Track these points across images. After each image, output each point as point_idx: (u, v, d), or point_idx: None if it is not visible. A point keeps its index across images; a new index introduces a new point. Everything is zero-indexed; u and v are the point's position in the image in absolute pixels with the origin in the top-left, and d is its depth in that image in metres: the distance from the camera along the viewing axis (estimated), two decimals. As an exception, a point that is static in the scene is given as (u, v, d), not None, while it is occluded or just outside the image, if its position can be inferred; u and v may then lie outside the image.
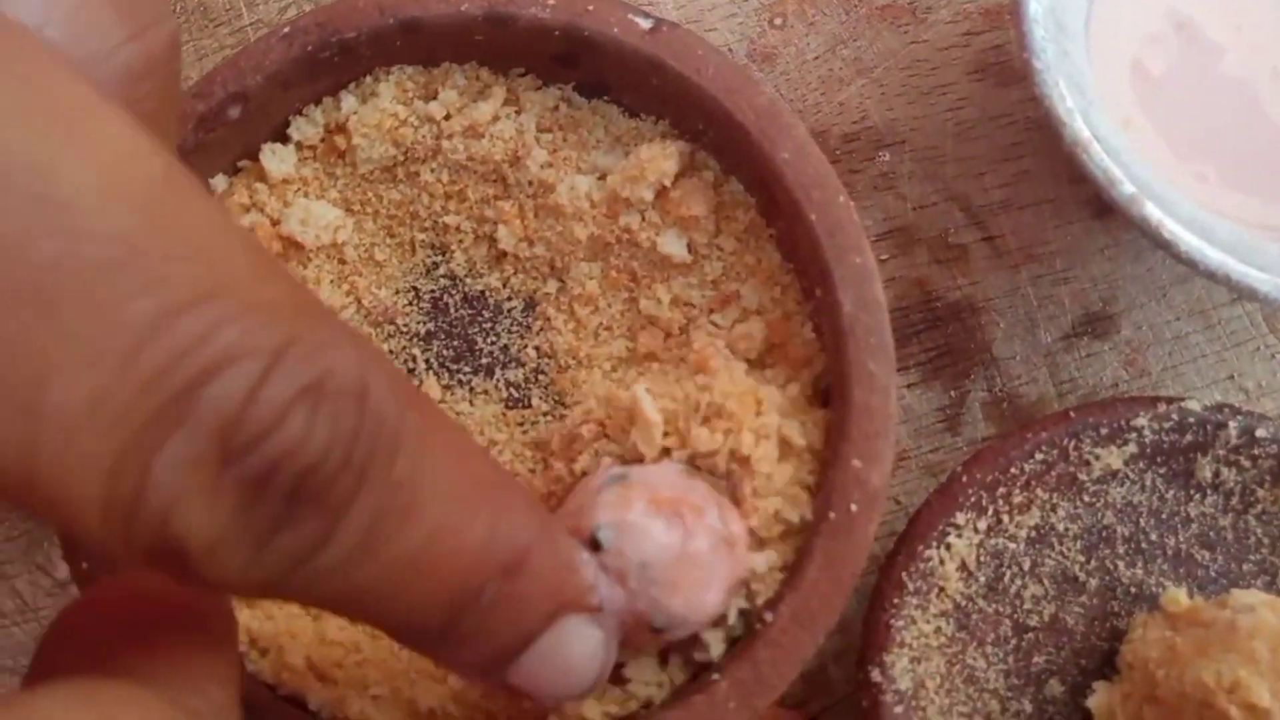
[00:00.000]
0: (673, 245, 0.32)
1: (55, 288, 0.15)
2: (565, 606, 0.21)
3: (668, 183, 0.31)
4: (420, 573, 0.18)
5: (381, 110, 0.32)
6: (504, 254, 0.33)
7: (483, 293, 0.33)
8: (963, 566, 0.32)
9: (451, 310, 0.33)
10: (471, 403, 0.33)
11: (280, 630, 0.30)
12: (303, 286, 0.18)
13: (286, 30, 0.32)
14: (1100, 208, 0.38)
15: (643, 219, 0.32)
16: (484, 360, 0.33)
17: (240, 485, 0.16)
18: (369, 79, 0.33)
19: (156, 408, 0.15)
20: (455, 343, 0.33)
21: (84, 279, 0.15)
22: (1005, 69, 0.40)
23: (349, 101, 0.33)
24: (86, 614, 0.20)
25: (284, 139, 0.33)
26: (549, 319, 0.33)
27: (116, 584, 0.20)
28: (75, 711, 0.16)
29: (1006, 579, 0.33)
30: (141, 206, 0.15)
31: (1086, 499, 0.33)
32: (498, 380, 0.33)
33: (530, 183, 0.33)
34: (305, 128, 0.33)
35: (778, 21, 0.40)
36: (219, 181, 0.33)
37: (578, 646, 0.22)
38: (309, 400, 0.16)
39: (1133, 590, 0.33)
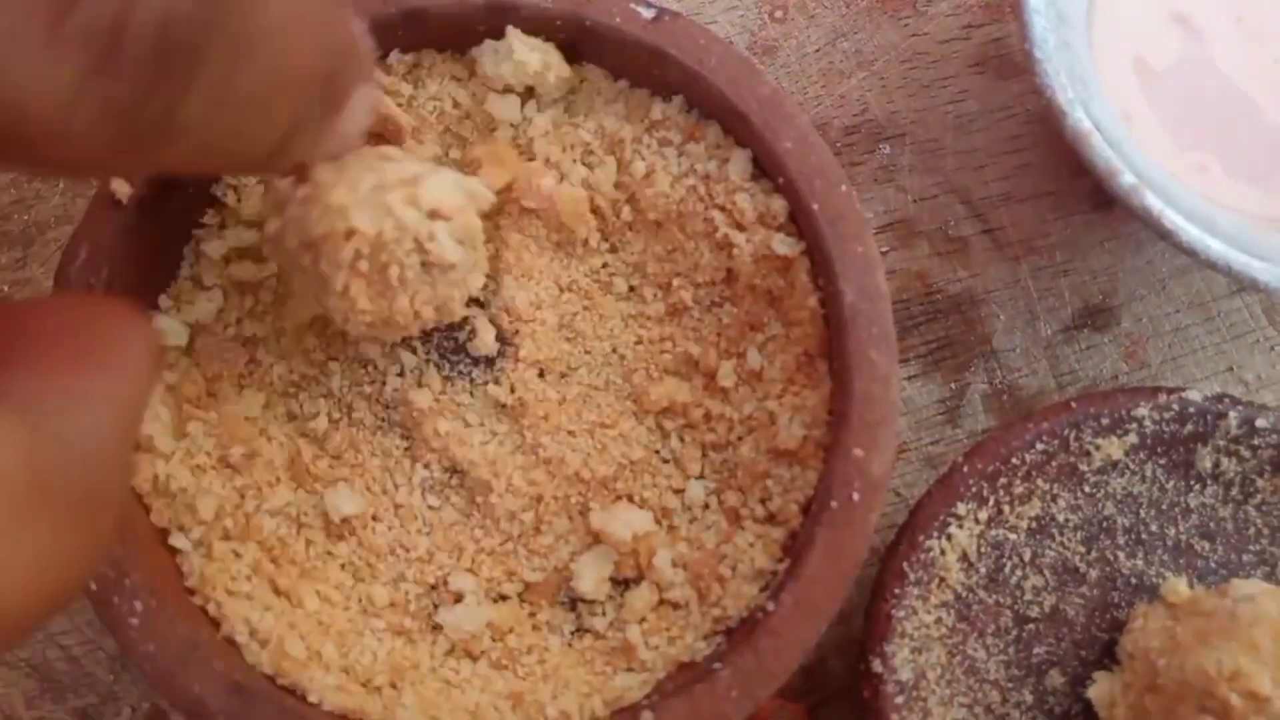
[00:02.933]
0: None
1: None
2: (359, 74, 0.22)
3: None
4: (262, 108, 0.18)
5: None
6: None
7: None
8: (964, 557, 0.32)
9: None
10: (472, 394, 0.33)
11: (280, 622, 0.30)
12: None
13: (288, 19, 0.32)
14: (1100, 200, 0.38)
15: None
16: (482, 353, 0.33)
17: (84, 46, 0.14)
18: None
19: None
20: (449, 330, 0.33)
21: None
22: (1006, 62, 0.40)
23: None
24: None
25: None
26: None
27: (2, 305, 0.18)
28: None
29: (1007, 570, 0.33)
30: None
31: (1087, 489, 0.33)
32: (496, 372, 0.33)
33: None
34: None
35: (778, 14, 0.40)
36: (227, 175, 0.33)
37: (363, 108, 0.23)
38: None
39: (1133, 580, 0.33)
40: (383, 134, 0.33)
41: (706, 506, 0.31)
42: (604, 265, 0.33)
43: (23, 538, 0.14)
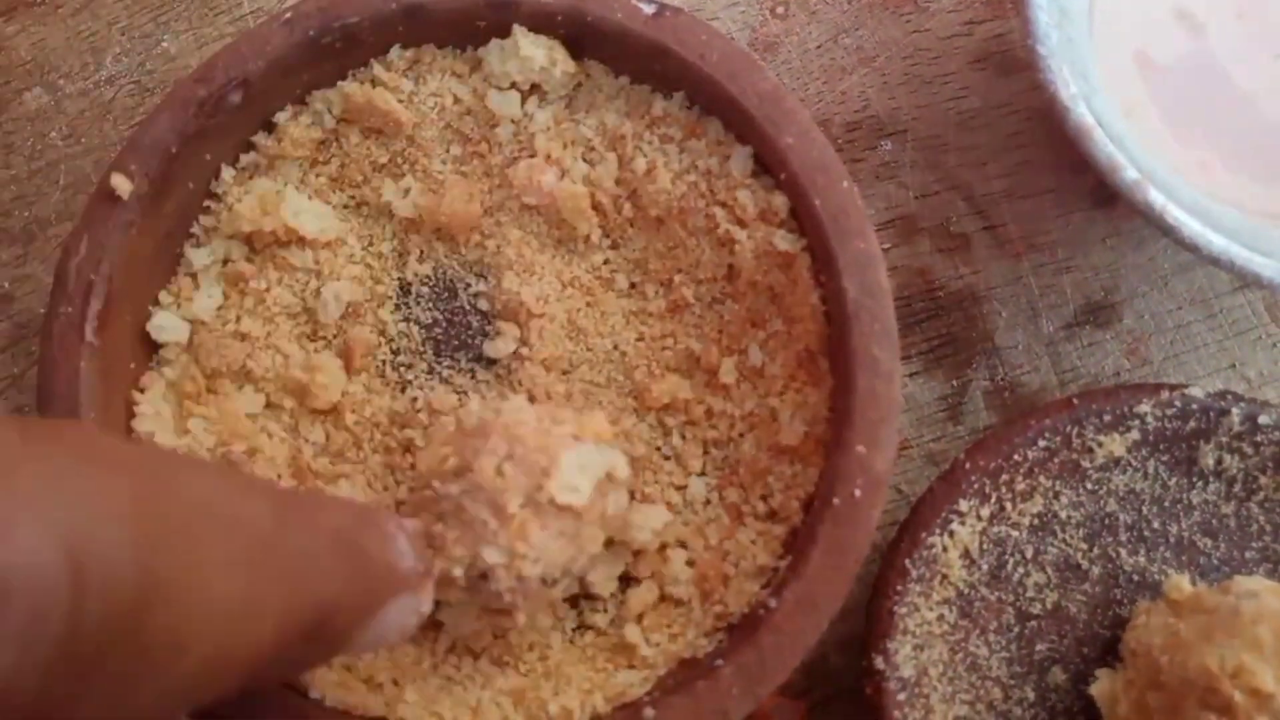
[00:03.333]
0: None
1: None
2: (384, 600, 0.22)
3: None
4: (213, 680, 0.17)
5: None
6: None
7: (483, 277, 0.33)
8: (966, 554, 0.32)
9: (455, 298, 0.33)
10: (473, 390, 0.33)
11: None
12: (15, 426, 0.15)
13: (288, 15, 0.31)
14: (1102, 197, 0.38)
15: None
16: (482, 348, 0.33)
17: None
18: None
19: None
20: (455, 330, 0.33)
21: None
22: (1007, 58, 0.39)
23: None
24: None
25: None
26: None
27: None
28: None
29: (1009, 566, 0.33)
30: None
31: (1089, 486, 0.33)
32: (499, 369, 0.33)
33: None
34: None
35: (780, 10, 0.40)
36: (226, 174, 0.33)
37: (395, 621, 0.22)
38: None
39: (1135, 578, 0.33)
40: (381, 129, 0.33)
41: (708, 503, 0.31)
42: (605, 262, 0.33)
43: None
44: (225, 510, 0.17)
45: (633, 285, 0.33)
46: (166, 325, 0.32)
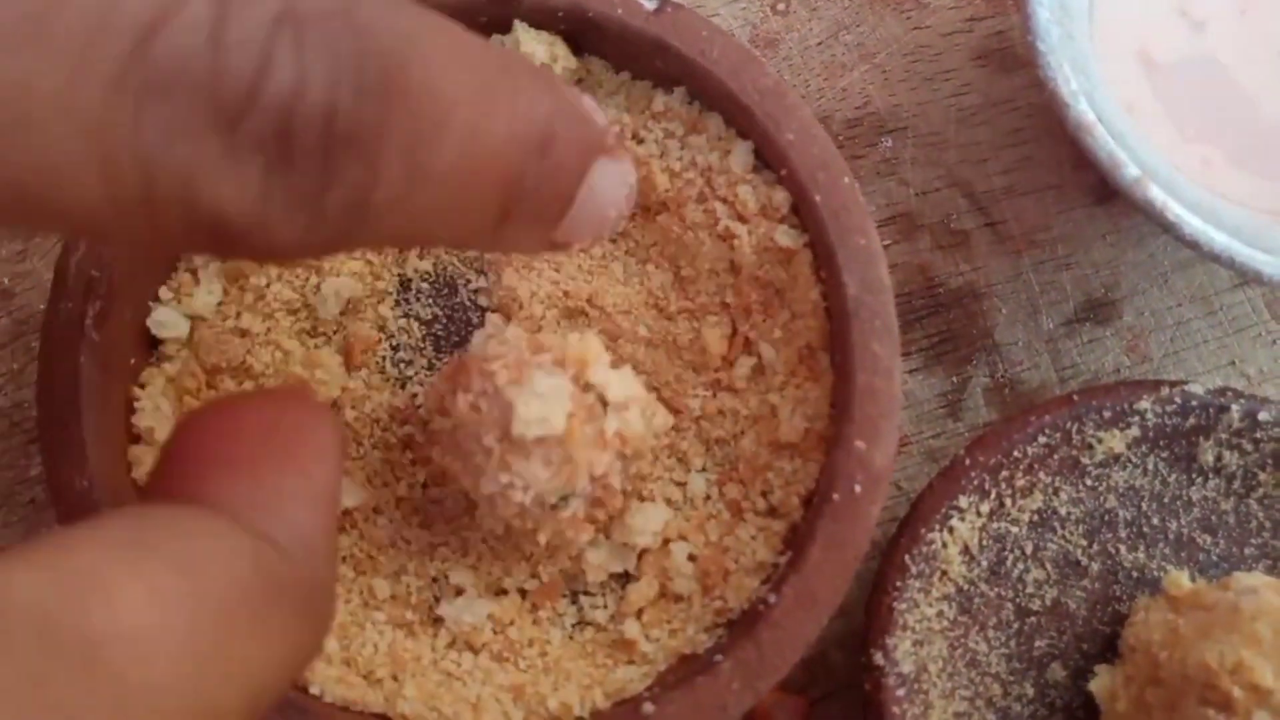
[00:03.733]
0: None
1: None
2: (592, 156, 0.21)
3: None
4: (467, 181, 0.17)
5: None
6: None
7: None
8: (965, 550, 0.32)
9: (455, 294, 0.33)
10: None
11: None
12: None
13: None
14: (1102, 194, 0.38)
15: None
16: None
17: (260, 147, 0.15)
18: None
19: (117, 81, 0.14)
20: (455, 326, 0.33)
21: None
22: (1008, 55, 0.39)
23: None
24: (180, 441, 0.18)
25: None
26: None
27: (205, 406, 0.19)
28: (121, 552, 0.14)
29: (1009, 562, 0.33)
30: None
31: (1089, 482, 0.33)
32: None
33: None
34: None
35: (780, 7, 0.40)
36: None
37: (611, 185, 0.21)
38: (287, 33, 0.14)
39: (1134, 574, 0.33)
40: None
41: (708, 499, 0.31)
42: (603, 255, 0.33)
43: (264, 637, 0.15)
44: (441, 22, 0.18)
45: (639, 281, 0.33)
46: (166, 321, 0.32)
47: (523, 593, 0.31)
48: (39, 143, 0.14)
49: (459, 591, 0.31)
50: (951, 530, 0.32)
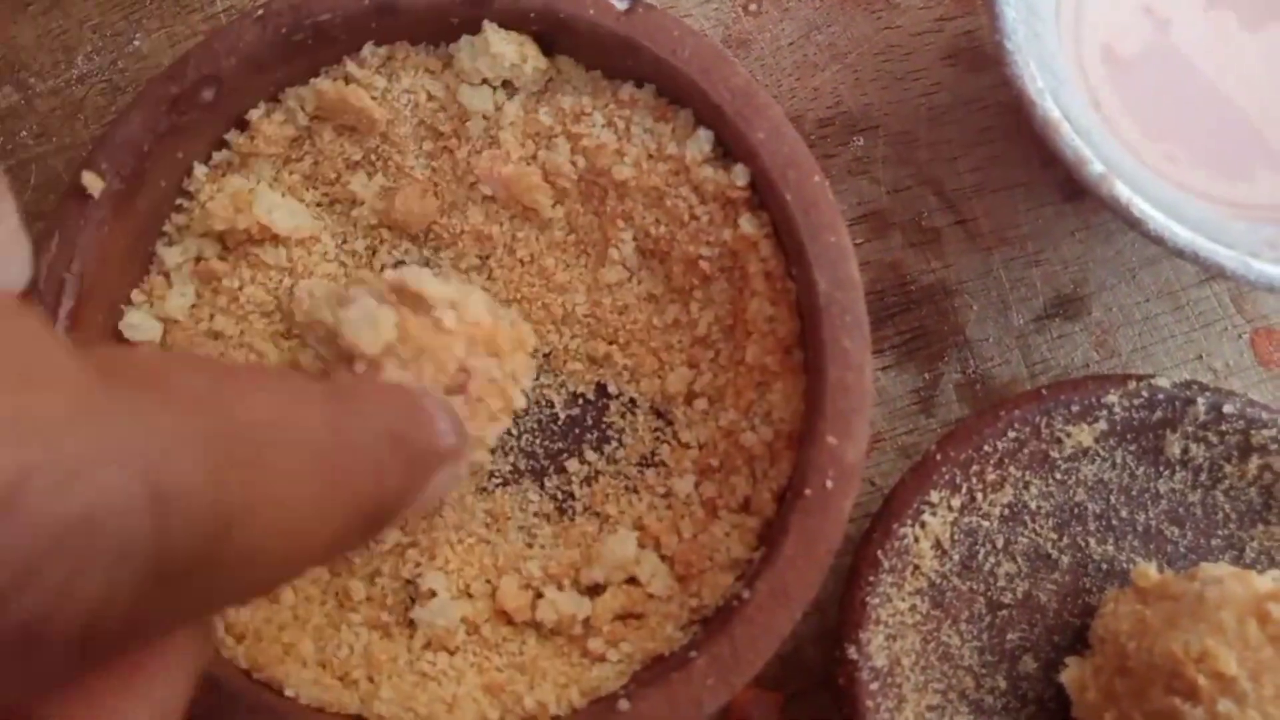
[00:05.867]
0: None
1: None
2: (430, 477, 0.23)
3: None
4: (284, 578, 0.19)
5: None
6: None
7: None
8: (937, 544, 0.32)
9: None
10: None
11: (256, 617, 0.30)
12: (95, 362, 0.16)
13: (261, 13, 0.31)
14: (1071, 191, 0.39)
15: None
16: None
17: (4, 646, 0.14)
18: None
19: None
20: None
21: None
22: (977, 54, 0.40)
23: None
24: None
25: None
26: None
27: None
28: None
29: (980, 556, 0.33)
30: None
31: (1058, 476, 0.33)
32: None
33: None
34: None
35: (752, 8, 0.40)
36: (199, 171, 0.33)
37: (437, 492, 0.24)
38: (74, 543, 0.14)
39: (1104, 566, 0.34)
40: (355, 126, 0.33)
41: (686, 498, 0.32)
42: (566, 238, 0.33)
43: None
44: (287, 427, 0.19)
45: (625, 279, 0.33)
46: (139, 324, 0.32)
47: (494, 590, 0.31)
48: None
49: (432, 594, 0.31)
50: (923, 525, 0.32)
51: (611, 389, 0.33)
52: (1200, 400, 0.33)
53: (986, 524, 0.33)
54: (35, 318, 0.16)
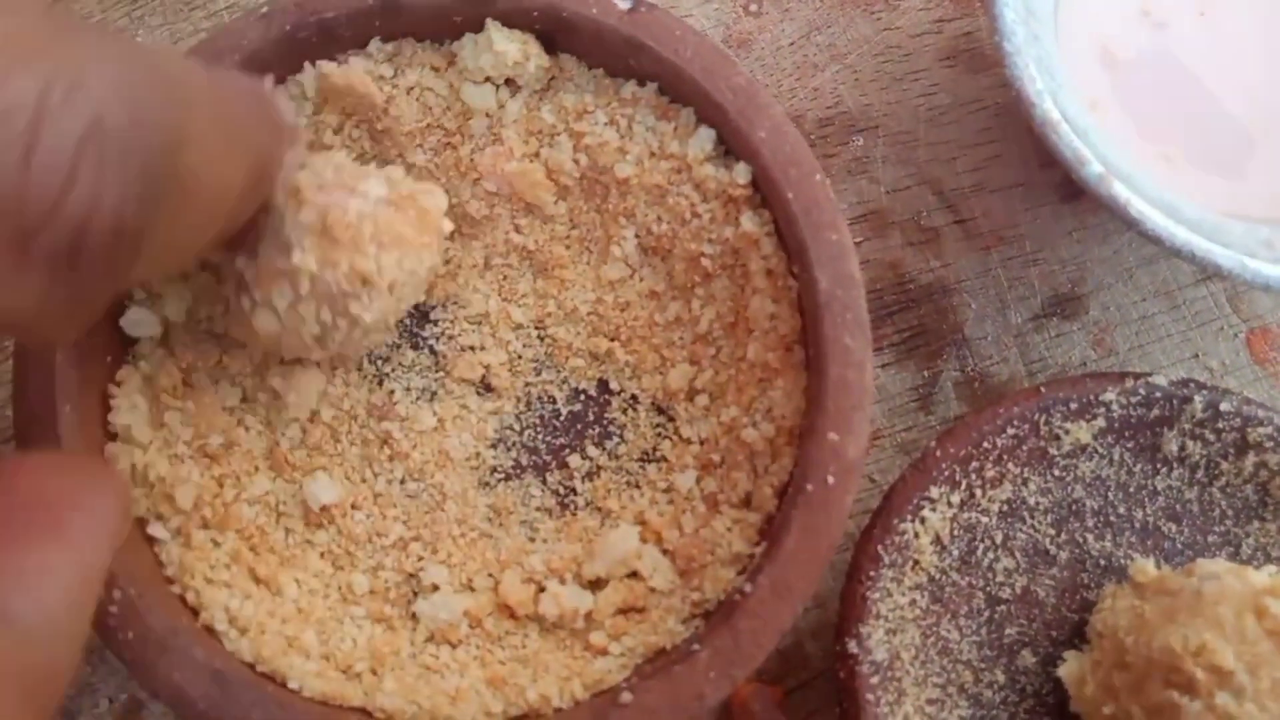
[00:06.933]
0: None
1: None
2: (285, 150, 0.25)
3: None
4: (203, 228, 0.20)
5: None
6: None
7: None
8: (936, 540, 0.33)
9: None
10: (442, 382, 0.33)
11: (259, 610, 0.30)
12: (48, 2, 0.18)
13: (265, 10, 0.32)
14: (1069, 191, 0.39)
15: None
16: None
17: (49, 260, 0.15)
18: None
19: None
20: (429, 324, 0.33)
21: None
22: (976, 55, 0.40)
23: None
24: None
25: None
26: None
27: None
28: None
29: (979, 552, 0.33)
30: None
31: (1057, 473, 0.34)
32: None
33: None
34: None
35: (753, 8, 0.41)
36: None
37: (288, 177, 0.26)
38: (92, 149, 0.15)
39: (1102, 562, 0.34)
40: (355, 111, 0.33)
41: (688, 494, 0.32)
42: (569, 234, 0.33)
43: None
44: (194, 74, 0.20)
45: (627, 276, 0.33)
46: (140, 320, 0.32)
47: (495, 585, 0.31)
48: None
49: (434, 588, 0.31)
50: (923, 520, 0.32)
51: (613, 385, 0.33)
52: (1197, 398, 0.33)
53: (985, 520, 0.33)
54: None
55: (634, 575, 0.31)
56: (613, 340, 0.33)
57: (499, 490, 0.33)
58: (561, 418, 0.33)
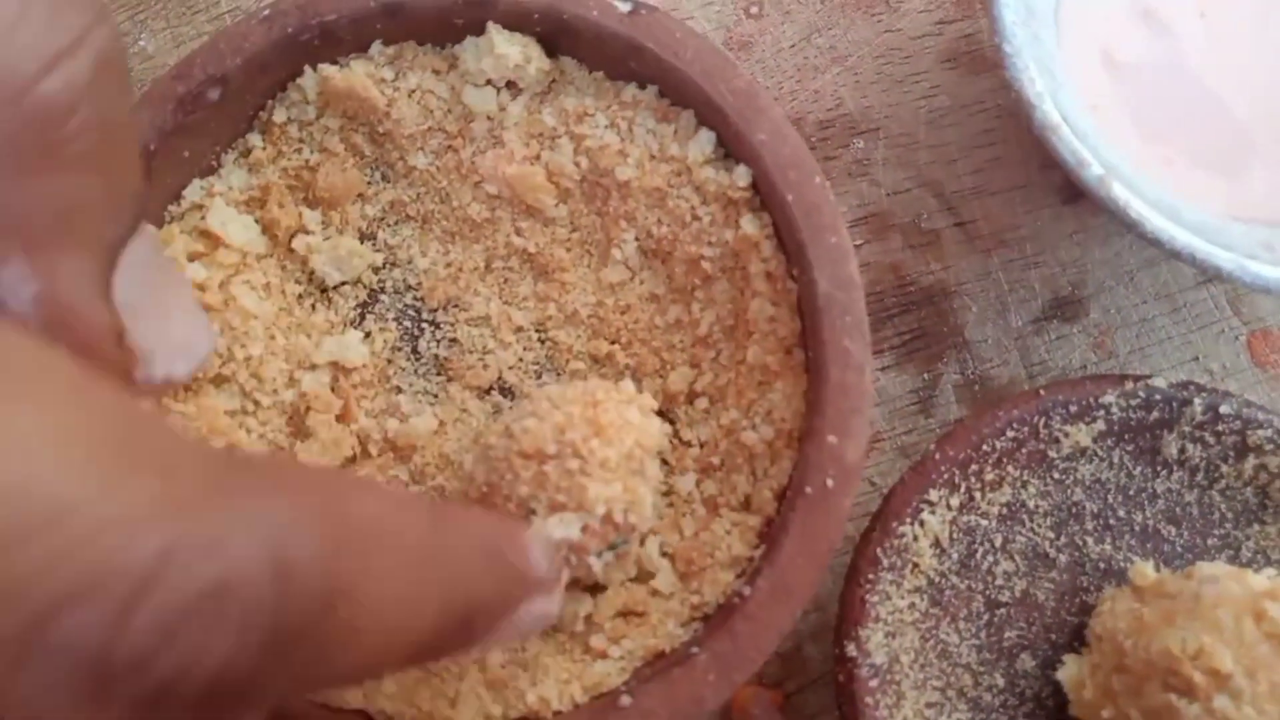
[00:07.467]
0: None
1: None
2: (520, 601, 0.24)
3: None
4: (380, 663, 0.20)
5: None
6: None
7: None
8: (936, 543, 0.33)
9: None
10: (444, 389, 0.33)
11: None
12: (222, 455, 0.18)
13: (267, 13, 0.32)
14: (1069, 194, 0.39)
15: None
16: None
17: (132, 703, 0.15)
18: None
19: (15, 629, 0.14)
20: (432, 331, 0.33)
21: None
22: (977, 57, 0.40)
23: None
24: None
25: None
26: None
27: None
28: None
29: (979, 555, 0.33)
30: None
31: (1056, 476, 0.34)
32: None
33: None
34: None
35: (754, 10, 0.41)
36: (192, 190, 0.33)
37: (528, 622, 0.25)
38: (209, 606, 0.15)
39: (1101, 565, 0.34)
40: (356, 114, 0.33)
41: (688, 497, 0.32)
42: (571, 236, 0.33)
43: None
44: (392, 522, 0.20)
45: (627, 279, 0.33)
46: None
47: None
48: None
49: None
50: (922, 524, 0.32)
51: None
52: (1197, 401, 0.33)
53: (985, 523, 0.33)
54: (167, 417, 0.17)
55: (634, 578, 0.31)
56: (613, 343, 0.33)
57: (499, 492, 0.33)
58: (561, 420, 0.33)
